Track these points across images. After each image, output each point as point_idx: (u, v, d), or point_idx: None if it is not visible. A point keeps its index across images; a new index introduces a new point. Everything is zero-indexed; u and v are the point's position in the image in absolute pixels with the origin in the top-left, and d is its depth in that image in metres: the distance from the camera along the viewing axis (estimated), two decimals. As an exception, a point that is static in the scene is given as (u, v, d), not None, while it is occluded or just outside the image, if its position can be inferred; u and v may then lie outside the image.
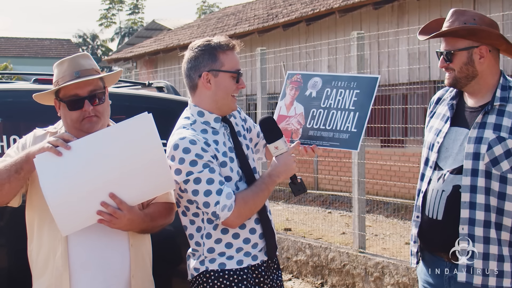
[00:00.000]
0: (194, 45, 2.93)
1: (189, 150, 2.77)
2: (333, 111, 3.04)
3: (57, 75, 2.89)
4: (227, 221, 2.80)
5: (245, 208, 2.81)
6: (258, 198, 2.85)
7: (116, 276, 2.88)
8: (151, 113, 2.78)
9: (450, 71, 2.98)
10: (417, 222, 3.08)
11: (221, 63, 2.87)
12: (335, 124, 3.02)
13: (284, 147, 2.91)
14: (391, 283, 6.50)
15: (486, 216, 2.86)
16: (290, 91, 3.18)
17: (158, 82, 4.56)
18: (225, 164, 2.86)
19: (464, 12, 2.95)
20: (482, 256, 2.87)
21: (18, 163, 2.75)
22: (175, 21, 29.06)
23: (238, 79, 2.92)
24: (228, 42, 2.89)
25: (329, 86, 3.08)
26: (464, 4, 10.68)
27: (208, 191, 2.77)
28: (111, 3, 53.10)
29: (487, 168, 2.85)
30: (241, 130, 3.06)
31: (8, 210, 3.06)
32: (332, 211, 10.86)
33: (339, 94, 3.05)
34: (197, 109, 2.92)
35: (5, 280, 3.32)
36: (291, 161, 2.90)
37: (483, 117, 2.92)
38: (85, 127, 2.86)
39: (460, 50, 2.92)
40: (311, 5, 13.70)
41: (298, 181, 2.94)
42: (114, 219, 2.78)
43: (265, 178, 2.89)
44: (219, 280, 2.84)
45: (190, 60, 2.92)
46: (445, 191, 2.94)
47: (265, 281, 2.95)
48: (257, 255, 2.93)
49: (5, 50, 37.14)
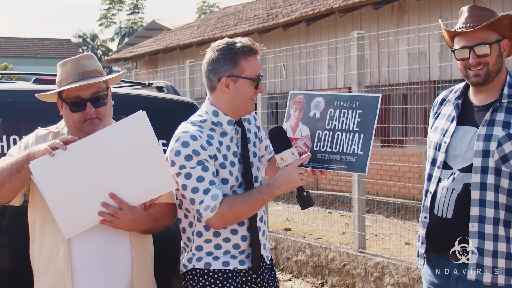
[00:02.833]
0: (216, 46, 2.88)
1: (187, 145, 2.77)
2: (338, 132, 2.96)
3: (60, 76, 2.89)
4: (209, 222, 2.80)
5: (229, 212, 2.79)
6: (247, 206, 2.81)
7: (118, 276, 2.88)
8: (145, 111, 2.78)
9: (481, 66, 2.93)
10: (425, 222, 3.07)
11: (242, 69, 2.84)
12: (341, 147, 2.94)
13: (289, 159, 2.85)
14: (391, 283, 6.50)
15: (495, 213, 2.86)
16: (294, 112, 3.08)
17: (158, 82, 4.55)
18: (224, 166, 2.86)
19: (484, 8, 2.99)
20: (491, 253, 2.87)
21: (19, 162, 2.75)
22: (175, 21, 29.05)
23: (258, 85, 2.89)
24: (251, 46, 2.85)
25: (332, 107, 2.99)
26: (464, 4, 10.67)
27: (195, 188, 2.77)
28: (111, 3, 53.08)
29: (496, 165, 2.86)
30: (252, 137, 3.04)
31: (10, 209, 3.06)
32: (332, 211, 10.86)
33: (342, 115, 2.97)
34: (213, 108, 2.90)
35: (7, 279, 3.32)
36: (294, 173, 2.83)
37: (491, 114, 2.92)
38: (87, 128, 2.87)
39: (495, 42, 2.94)
40: (311, 5, 13.70)
41: (304, 194, 2.88)
42: (115, 219, 2.78)
43: (263, 188, 2.86)
44: (204, 278, 2.86)
45: (211, 62, 2.87)
46: (455, 190, 2.94)
47: (254, 280, 2.94)
48: (244, 261, 2.92)
49: (5, 50, 37.12)
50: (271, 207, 10.05)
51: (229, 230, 2.88)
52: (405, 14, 11.82)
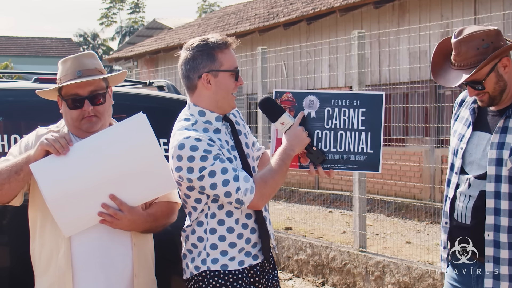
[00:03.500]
0: (190, 45, 2.88)
1: (196, 148, 2.76)
2: (341, 132, 2.93)
3: (60, 73, 2.91)
4: (252, 204, 2.80)
5: (266, 187, 2.81)
6: (278, 175, 2.84)
7: (118, 275, 2.88)
8: (145, 113, 2.79)
9: (483, 94, 2.91)
10: (446, 228, 3.07)
11: (220, 62, 2.85)
12: (347, 146, 2.92)
13: (290, 121, 2.89)
14: (392, 282, 6.50)
15: (510, 222, 2.84)
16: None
17: (159, 81, 4.56)
18: (231, 160, 2.86)
19: (470, 37, 2.85)
20: (507, 262, 2.85)
21: (18, 165, 2.76)
22: (176, 20, 29.05)
23: (237, 77, 2.91)
24: (224, 40, 2.87)
25: (329, 105, 2.94)
26: (465, 4, 10.68)
27: (226, 180, 2.76)
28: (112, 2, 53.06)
29: (510, 173, 2.84)
30: (241, 129, 3.05)
31: (10, 209, 3.07)
32: (333, 210, 10.87)
33: (343, 114, 2.93)
34: (198, 108, 2.90)
35: (7, 278, 3.32)
36: (300, 131, 2.88)
37: (504, 121, 2.90)
38: (84, 126, 2.87)
39: (488, 75, 2.86)
40: (312, 4, 13.70)
41: (314, 149, 2.91)
42: (115, 220, 2.79)
43: (281, 155, 2.87)
44: (214, 279, 2.84)
45: (188, 61, 2.87)
46: (472, 196, 2.94)
47: (260, 281, 2.94)
48: (257, 255, 2.93)
49: (6, 49, 37.12)
50: (272, 206, 10.05)
51: (240, 224, 2.88)
52: (406, 13, 11.81)
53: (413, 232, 8.90)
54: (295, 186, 12.17)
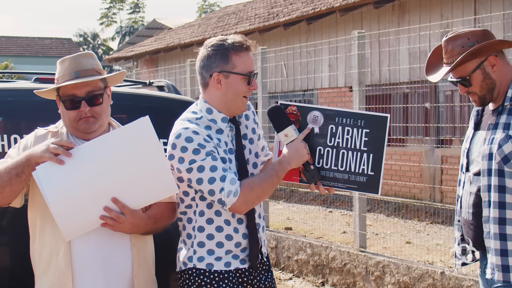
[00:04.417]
0: (208, 43, 2.91)
1: (191, 139, 2.78)
2: (343, 150, 2.92)
3: (58, 73, 2.90)
4: (234, 207, 2.79)
5: (251, 194, 2.80)
6: (266, 184, 2.84)
7: (118, 276, 2.88)
8: (148, 116, 2.78)
9: (472, 94, 3.04)
10: (459, 225, 3.18)
11: (233, 64, 2.85)
12: (348, 166, 2.92)
13: (294, 134, 2.88)
14: (392, 282, 6.50)
15: (501, 213, 2.91)
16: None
17: (159, 81, 4.56)
18: (225, 161, 2.85)
19: (456, 37, 3.00)
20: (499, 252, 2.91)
21: (19, 166, 2.75)
22: (176, 20, 29.05)
23: (250, 81, 2.89)
24: (242, 42, 2.86)
25: (333, 123, 2.92)
26: (465, 3, 10.68)
27: (212, 178, 2.77)
28: (112, 2, 53.07)
29: (499, 166, 2.91)
30: (249, 134, 3.03)
31: (10, 210, 3.06)
32: (333, 210, 10.87)
33: (346, 133, 2.91)
34: (207, 105, 2.91)
35: (7, 279, 3.32)
36: (302, 147, 2.87)
37: (496, 118, 2.99)
38: (82, 127, 2.87)
39: (473, 72, 2.99)
40: (311, 4, 13.69)
41: (311, 167, 2.90)
42: (117, 224, 2.79)
43: (275, 165, 2.87)
44: (200, 278, 2.86)
45: (203, 58, 2.90)
46: (471, 193, 3.04)
47: (250, 282, 2.93)
48: (245, 260, 2.93)
49: (6, 49, 37.11)
50: (272, 206, 10.04)
51: (232, 227, 2.88)
52: (406, 13, 11.81)
53: (413, 232, 8.90)
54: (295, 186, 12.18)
